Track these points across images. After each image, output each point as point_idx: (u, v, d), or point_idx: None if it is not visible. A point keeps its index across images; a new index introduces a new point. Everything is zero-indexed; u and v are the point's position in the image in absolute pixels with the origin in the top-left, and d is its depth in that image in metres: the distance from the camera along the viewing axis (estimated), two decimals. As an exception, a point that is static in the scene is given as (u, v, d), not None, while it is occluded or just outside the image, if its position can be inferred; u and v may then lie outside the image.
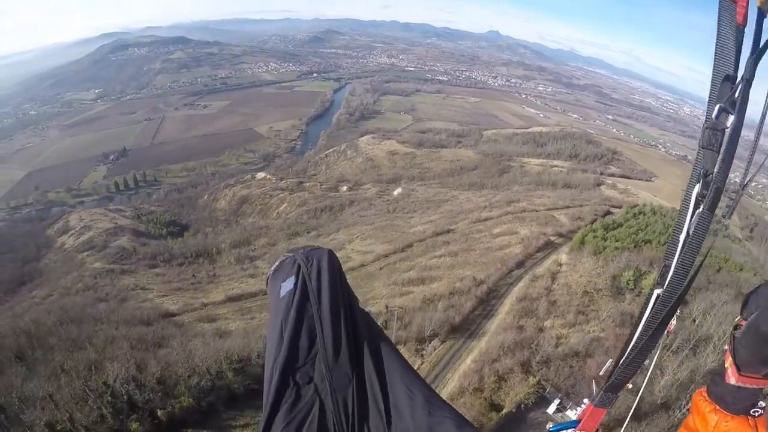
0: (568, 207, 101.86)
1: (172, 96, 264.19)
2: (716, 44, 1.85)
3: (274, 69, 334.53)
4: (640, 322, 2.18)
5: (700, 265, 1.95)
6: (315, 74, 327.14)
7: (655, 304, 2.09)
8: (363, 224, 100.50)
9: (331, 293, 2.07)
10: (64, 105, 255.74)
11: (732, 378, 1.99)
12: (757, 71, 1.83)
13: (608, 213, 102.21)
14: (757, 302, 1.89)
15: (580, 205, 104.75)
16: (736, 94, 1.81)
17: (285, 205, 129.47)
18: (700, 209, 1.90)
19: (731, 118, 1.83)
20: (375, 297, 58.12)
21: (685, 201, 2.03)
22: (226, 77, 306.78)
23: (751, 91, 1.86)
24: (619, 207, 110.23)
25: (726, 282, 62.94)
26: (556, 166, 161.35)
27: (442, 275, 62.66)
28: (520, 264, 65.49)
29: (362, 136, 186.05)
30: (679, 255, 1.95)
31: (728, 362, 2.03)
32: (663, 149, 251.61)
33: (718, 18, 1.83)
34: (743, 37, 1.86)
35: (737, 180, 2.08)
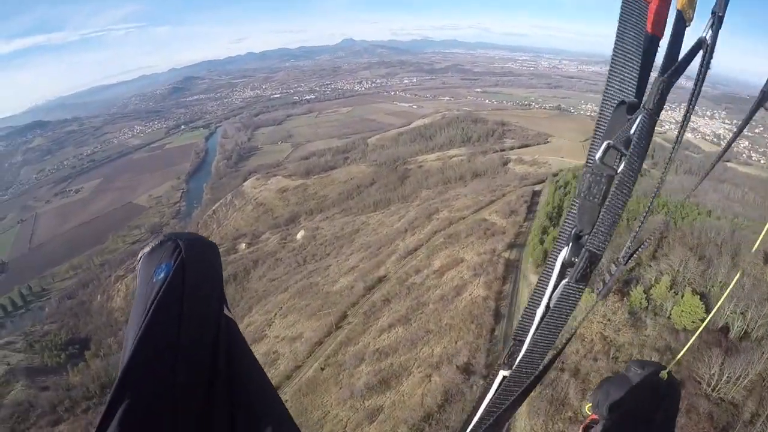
0: (492, 201, 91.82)
1: (40, 189, 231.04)
2: (613, 57, 1.37)
3: (140, 132, 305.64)
4: (480, 404, 1.59)
5: (559, 353, 1.56)
6: (183, 126, 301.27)
7: (499, 387, 1.61)
8: (277, 292, 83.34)
9: (208, 290, 1.93)
10: None
11: None
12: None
13: (534, 194, 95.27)
14: (605, 403, 1.86)
15: (503, 195, 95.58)
16: (633, 129, 1.35)
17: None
18: (566, 280, 1.46)
19: (623, 161, 1.34)
20: (335, 430, 41.55)
21: (548, 267, 1.58)
22: (93, 153, 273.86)
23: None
24: (541, 182, 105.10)
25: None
26: (454, 156, 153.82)
27: (407, 364, 47.21)
28: (496, 315, 51.58)
29: (246, 179, 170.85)
30: (534, 334, 1.54)
31: None
32: (537, 106, 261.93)
33: (620, 21, 1.35)
34: (656, 51, 1.43)
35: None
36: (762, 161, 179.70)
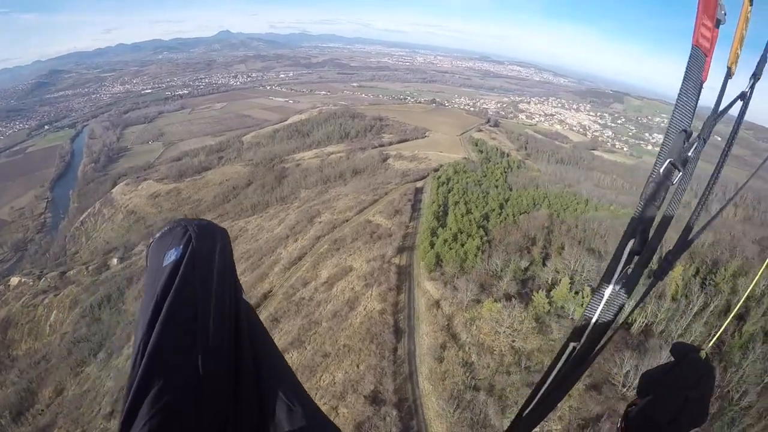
0: (375, 201, 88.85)
1: None
2: (679, 96, 1.79)
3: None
4: (551, 372, 2.01)
5: (622, 323, 1.92)
6: (47, 126, 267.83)
7: (569, 357, 1.97)
8: (154, 314, 74.18)
9: (221, 274, 1.88)
10: None
11: None
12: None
13: (417, 191, 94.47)
14: (649, 386, 1.88)
15: (386, 193, 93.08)
16: (690, 153, 1.80)
17: (55, 312, 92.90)
18: (632, 265, 1.82)
19: (679, 175, 1.80)
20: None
21: (617, 255, 1.88)
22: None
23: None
24: (423, 178, 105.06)
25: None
26: (332, 153, 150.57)
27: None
28: (396, 331, 48.03)
29: (115, 184, 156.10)
30: (601, 311, 1.87)
31: None
32: (413, 100, 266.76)
33: (687, 68, 1.79)
34: (700, 92, 1.82)
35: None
36: (625, 149, 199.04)
